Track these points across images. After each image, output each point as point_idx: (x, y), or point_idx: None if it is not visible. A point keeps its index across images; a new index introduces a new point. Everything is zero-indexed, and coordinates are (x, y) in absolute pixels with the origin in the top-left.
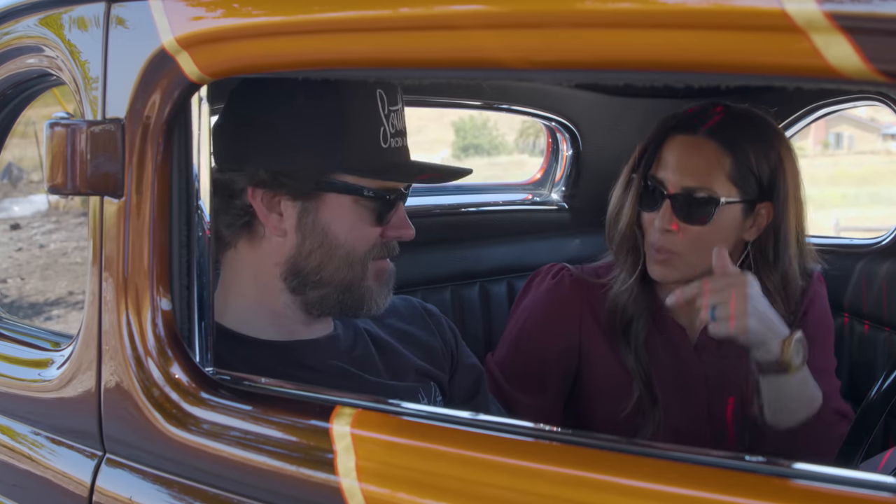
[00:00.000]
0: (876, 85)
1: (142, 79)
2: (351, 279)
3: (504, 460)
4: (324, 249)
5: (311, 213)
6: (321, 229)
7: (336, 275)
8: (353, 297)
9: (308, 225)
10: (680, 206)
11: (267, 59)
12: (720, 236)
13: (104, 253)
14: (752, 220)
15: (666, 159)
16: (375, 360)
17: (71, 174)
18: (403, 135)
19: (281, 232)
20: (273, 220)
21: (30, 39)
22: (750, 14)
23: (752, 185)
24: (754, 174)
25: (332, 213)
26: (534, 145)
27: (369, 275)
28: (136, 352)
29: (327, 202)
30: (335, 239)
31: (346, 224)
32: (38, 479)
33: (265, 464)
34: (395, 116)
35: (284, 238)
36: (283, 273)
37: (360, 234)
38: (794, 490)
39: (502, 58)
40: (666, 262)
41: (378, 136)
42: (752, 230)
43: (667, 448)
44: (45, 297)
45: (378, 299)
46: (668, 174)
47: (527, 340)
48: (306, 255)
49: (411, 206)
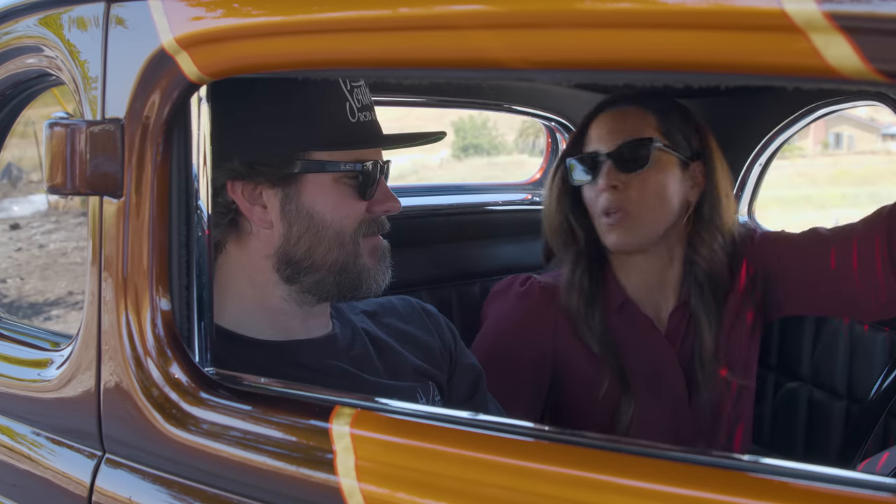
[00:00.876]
0: (875, 85)
1: (141, 79)
2: (345, 259)
3: (504, 460)
4: (312, 232)
5: (293, 199)
6: (306, 213)
7: (328, 256)
8: (349, 278)
9: (292, 211)
10: (618, 159)
11: (266, 59)
12: (664, 187)
13: (103, 253)
14: (689, 176)
15: (596, 133)
16: (374, 360)
17: (70, 174)
18: (371, 109)
19: (267, 223)
20: (257, 213)
21: (29, 39)
22: (749, 14)
23: (682, 141)
24: (682, 133)
25: (313, 195)
26: (533, 145)
27: (363, 252)
28: (136, 352)
29: (307, 184)
30: (322, 220)
31: (330, 203)
32: (37, 479)
33: (264, 464)
34: (358, 92)
35: (271, 229)
36: (276, 264)
37: (346, 212)
38: (792, 490)
39: (502, 58)
40: (620, 225)
41: (345, 111)
42: (693, 191)
43: (666, 448)
44: (44, 297)
45: (377, 277)
46: (601, 143)
47: (501, 353)
48: (295, 242)
49: (413, 207)
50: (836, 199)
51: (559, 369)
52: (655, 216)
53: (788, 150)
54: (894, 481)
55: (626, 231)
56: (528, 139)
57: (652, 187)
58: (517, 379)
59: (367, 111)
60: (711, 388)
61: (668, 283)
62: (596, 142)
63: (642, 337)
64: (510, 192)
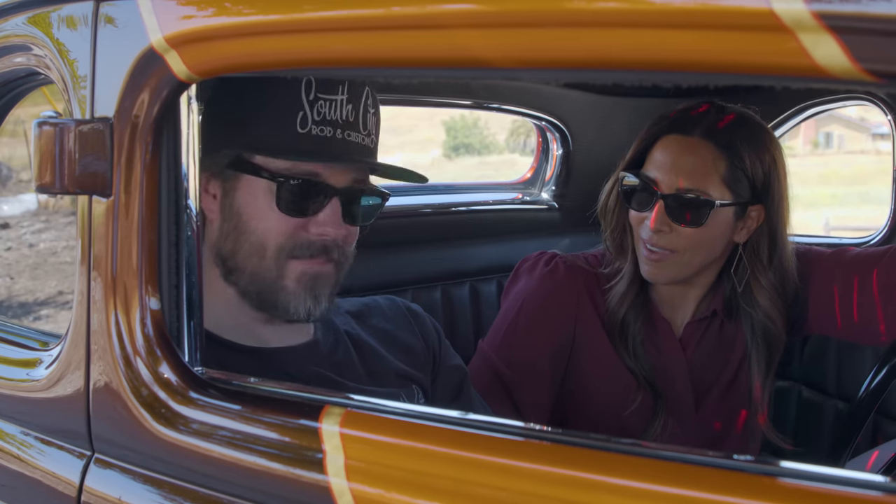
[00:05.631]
0: (863, 84)
1: (130, 78)
2: (264, 274)
3: (494, 460)
4: (236, 233)
5: (229, 195)
6: (236, 211)
7: (247, 262)
8: (267, 294)
9: (227, 206)
10: (673, 207)
11: (256, 58)
12: (712, 238)
13: (93, 252)
14: (742, 222)
15: (659, 159)
16: (356, 365)
17: (59, 173)
18: (339, 126)
19: (213, 213)
20: (207, 202)
21: (18, 38)
22: (738, 14)
23: (745, 187)
24: (748, 177)
25: (245, 196)
26: (524, 144)
27: (287, 274)
28: (125, 351)
29: (244, 184)
30: (246, 224)
31: (256, 209)
32: (26, 479)
33: (254, 463)
34: (326, 105)
35: (212, 222)
36: (214, 258)
37: (271, 224)
38: (784, 489)
39: (491, 57)
40: (659, 262)
41: (294, 119)
42: (742, 232)
43: (658, 447)
44: (34, 297)
45: (298, 303)
46: (662, 174)
47: (523, 328)
48: (224, 237)
49: (402, 206)
50: (826, 198)
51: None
52: (696, 261)
53: None
54: (885, 480)
55: (664, 268)
56: (520, 138)
57: (702, 238)
58: (537, 359)
59: (330, 127)
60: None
61: (690, 299)
62: (655, 168)
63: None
64: (501, 192)
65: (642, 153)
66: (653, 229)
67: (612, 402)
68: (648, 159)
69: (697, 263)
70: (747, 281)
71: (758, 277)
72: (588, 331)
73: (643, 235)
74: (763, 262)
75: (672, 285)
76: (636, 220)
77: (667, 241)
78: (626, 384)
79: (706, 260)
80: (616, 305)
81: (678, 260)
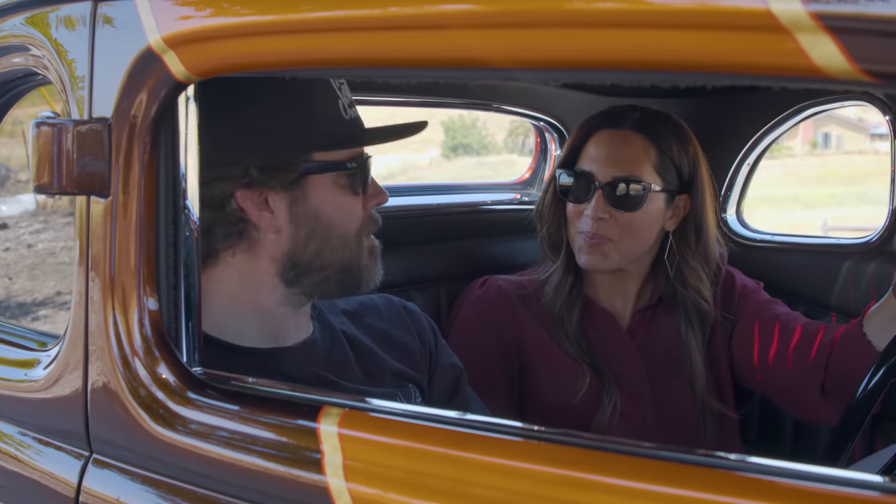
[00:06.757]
0: (861, 85)
1: (128, 78)
2: (350, 258)
3: (492, 460)
4: (319, 234)
5: (299, 202)
6: (313, 214)
7: (335, 256)
8: (352, 277)
9: (300, 214)
10: (611, 194)
11: (254, 58)
12: (647, 224)
13: (91, 253)
14: (672, 210)
15: (593, 152)
16: (352, 365)
17: (57, 174)
18: (354, 105)
19: (275, 229)
20: (265, 219)
21: (16, 38)
22: (735, 14)
23: (674, 176)
24: (675, 166)
25: (318, 197)
26: (523, 145)
27: (364, 253)
28: (123, 352)
29: (311, 186)
30: (328, 221)
31: (334, 203)
32: (24, 479)
33: (252, 464)
34: (344, 88)
35: (278, 234)
36: (280, 268)
37: (349, 210)
38: (783, 489)
39: (489, 57)
40: (597, 249)
41: (339, 108)
42: (671, 220)
43: (654, 447)
44: (32, 297)
45: (375, 276)
46: (598, 166)
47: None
48: (304, 244)
49: (401, 207)
50: (824, 198)
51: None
52: (633, 247)
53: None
54: (882, 479)
55: (601, 256)
56: (518, 139)
57: (637, 224)
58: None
59: (353, 107)
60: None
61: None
62: (590, 162)
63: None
64: (499, 192)
65: (575, 151)
66: (593, 217)
67: (562, 391)
68: (582, 155)
69: (633, 250)
70: (678, 265)
71: (686, 259)
72: (528, 332)
73: (582, 228)
74: (691, 246)
75: (609, 276)
76: (574, 213)
77: (605, 228)
78: (572, 371)
79: (641, 247)
80: (552, 298)
81: (615, 247)
